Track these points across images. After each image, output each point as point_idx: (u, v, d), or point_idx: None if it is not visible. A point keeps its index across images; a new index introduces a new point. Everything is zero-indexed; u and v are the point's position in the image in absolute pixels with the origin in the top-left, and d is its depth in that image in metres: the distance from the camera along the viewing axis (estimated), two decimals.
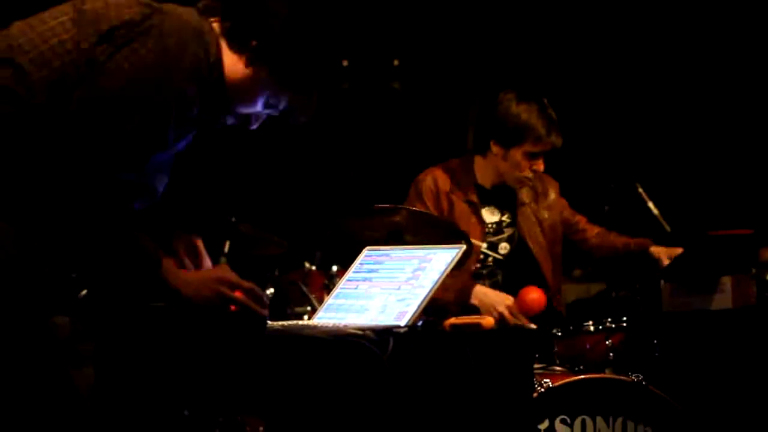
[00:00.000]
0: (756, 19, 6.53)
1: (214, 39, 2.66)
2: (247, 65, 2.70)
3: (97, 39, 2.52)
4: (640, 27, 6.82)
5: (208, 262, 2.86)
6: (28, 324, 2.46)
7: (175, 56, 2.54)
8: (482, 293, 4.29)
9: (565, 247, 4.69)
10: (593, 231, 4.71)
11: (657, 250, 4.44)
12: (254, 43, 2.69)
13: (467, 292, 4.29)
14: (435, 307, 4.14)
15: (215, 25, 2.69)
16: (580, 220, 4.73)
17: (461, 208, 4.46)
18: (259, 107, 2.78)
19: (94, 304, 2.64)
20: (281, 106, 2.80)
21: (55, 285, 2.52)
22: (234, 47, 2.69)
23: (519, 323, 4.19)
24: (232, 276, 2.70)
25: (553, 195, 4.68)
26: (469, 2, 7.06)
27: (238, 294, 2.67)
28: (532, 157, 4.41)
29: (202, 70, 2.60)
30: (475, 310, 4.25)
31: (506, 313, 4.21)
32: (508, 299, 4.25)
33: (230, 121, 2.81)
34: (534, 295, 4.23)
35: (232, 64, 2.69)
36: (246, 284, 2.69)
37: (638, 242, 4.58)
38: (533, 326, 4.19)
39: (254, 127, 2.84)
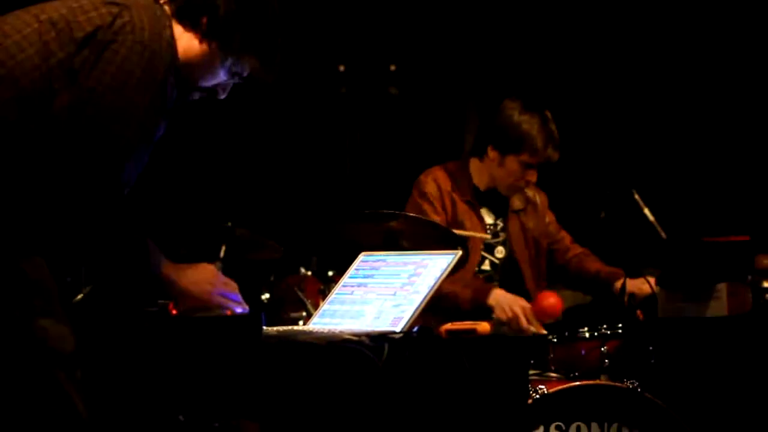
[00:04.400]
0: (750, 26, 6.53)
1: (169, 20, 2.69)
2: (201, 41, 2.74)
3: (75, 48, 2.53)
4: (637, 31, 6.82)
5: None
6: (15, 328, 2.46)
7: (154, 49, 2.58)
8: (500, 294, 4.30)
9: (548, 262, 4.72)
10: (575, 251, 4.74)
11: (619, 285, 4.41)
12: (204, 19, 2.73)
13: (485, 292, 4.29)
14: (449, 305, 4.16)
15: (165, 8, 2.72)
16: (564, 237, 4.76)
17: (463, 207, 4.50)
18: (222, 77, 2.82)
19: (91, 308, 2.64)
20: (245, 73, 2.84)
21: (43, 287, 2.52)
22: (187, 26, 2.74)
23: (533, 328, 4.20)
24: (227, 281, 2.77)
25: (541, 207, 4.70)
26: (466, 8, 7.06)
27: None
28: (526, 167, 4.44)
29: (175, 58, 2.65)
30: (487, 311, 4.25)
31: (522, 317, 4.21)
32: (525, 303, 4.26)
33: (197, 96, 2.85)
34: (551, 300, 4.24)
35: (187, 41, 2.74)
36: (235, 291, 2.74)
37: (610, 272, 4.58)
38: (544, 332, 4.19)
39: (222, 96, 2.89)
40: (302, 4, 5.87)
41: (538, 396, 3.61)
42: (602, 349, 4.06)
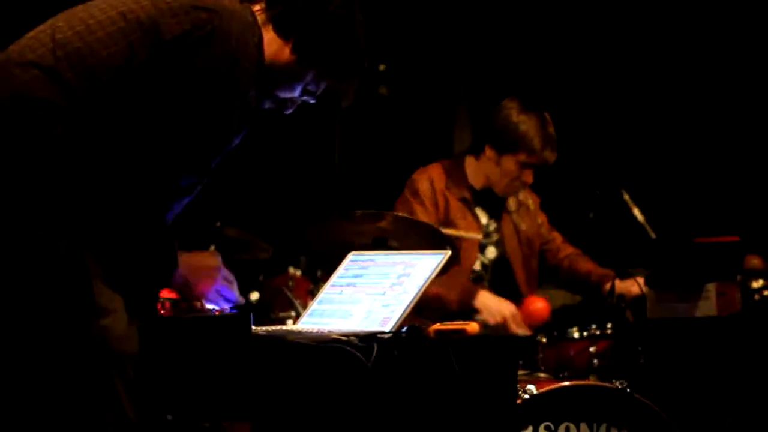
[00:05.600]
0: (739, 27, 6.55)
1: (258, 28, 2.65)
2: (292, 52, 2.71)
3: (160, 51, 2.49)
4: (626, 32, 6.83)
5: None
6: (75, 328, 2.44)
7: (239, 59, 2.53)
8: (487, 297, 4.30)
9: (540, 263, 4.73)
10: (566, 251, 4.74)
11: (608, 286, 4.41)
12: (298, 34, 2.70)
13: (471, 295, 4.29)
14: (436, 306, 4.16)
15: (257, 11, 2.68)
16: (556, 238, 4.77)
17: (457, 205, 4.50)
18: (297, 93, 2.80)
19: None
20: (319, 93, 2.82)
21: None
22: (280, 33, 2.70)
23: (521, 332, 4.20)
24: (227, 272, 2.79)
25: (533, 209, 4.71)
26: (456, 8, 7.06)
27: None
28: (523, 167, 4.44)
29: (261, 67, 2.61)
30: (471, 314, 4.25)
31: (510, 321, 4.21)
32: (513, 308, 4.25)
33: (267, 105, 2.82)
34: (539, 305, 4.25)
35: (278, 49, 2.70)
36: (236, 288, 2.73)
37: (600, 274, 4.59)
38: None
39: (289, 111, 2.87)
40: None
41: (527, 396, 3.61)
42: (591, 349, 4.07)
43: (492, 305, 4.26)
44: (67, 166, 2.41)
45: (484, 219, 4.59)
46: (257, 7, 2.69)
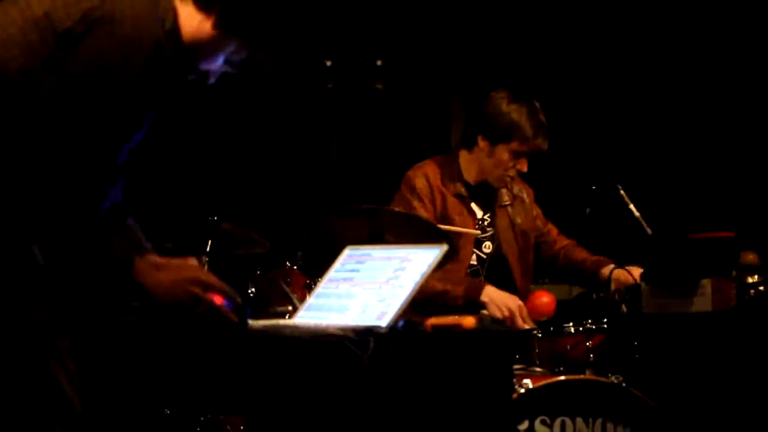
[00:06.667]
0: (735, 24, 6.55)
1: (170, 5, 2.66)
2: (214, 27, 2.71)
3: (56, 45, 2.51)
4: (622, 27, 6.83)
5: None
6: (10, 322, 2.45)
7: (133, 42, 2.53)
8: (493, 291, 4.32)
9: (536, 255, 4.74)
10: (561, 243, 4.76)
11: (606, 272, 4.43)
12: (218, 6, 2.70)
13: (478, 289, 4.30)
14: (442, 302, 4.18)
15: None
16: (551, 230, 4.78)
17: (453, 201, 4.52)
18: (218, 63, 2.80)
19: (72, 303, 2.62)
20: (240, 62, 2.82)
21: (34, 281, 2.51)
22: (200, 8, 2.70)
23: (527, 326, 4.21)
24: (207, 277, 2.69)
25: (528, 201, 4.72)
26: (452, 3, 7.06)
27: (213, 296, 2.66)
28: (517, 156, 4.46)
29: (161, 48, 2.59)
30: (477, 308, 4.26)
31: (517, 314, 4.22)
32: (519, 301, 4.27)
33: (190, 77, 2.82)
34: (544, 299, 4.26)
35: (198, 23, 2.71)
36: (220, 285, 2.68)
37: (594, 261, 4.60)
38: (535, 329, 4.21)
39: (212, 82, 2.86)
40: None
41: (523, 390, 3.63)
42: (587, 343, 4.08)
43: (498, 299, 4.28)
44: None
45: (479, 214, 4.60)
46: None
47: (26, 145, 2.47)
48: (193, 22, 2.70)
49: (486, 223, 4.61)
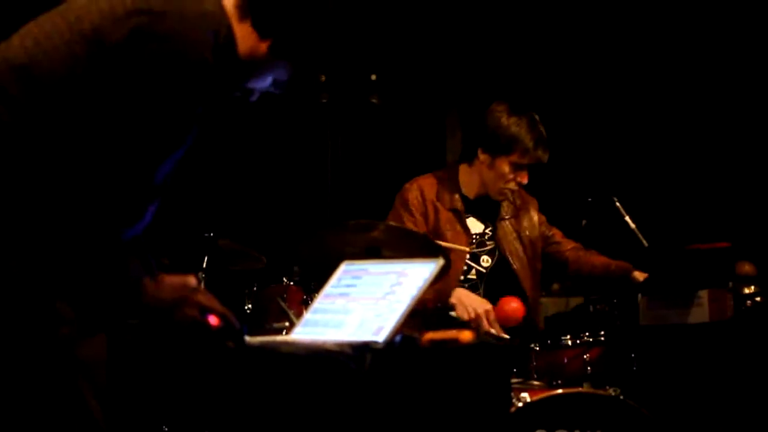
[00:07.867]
0: (732, 34, 6.57)
1: (225, 20, 2.65)
2: (268, 49, 2.73)
3: (103, 58, 2.50)
4: (619, 40, 6.85)
5: None
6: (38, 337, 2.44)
7: (184, 60, 2.52)
8: (462, 293, 4.32)
9: (544, 261, 4.72)
10: (568, 245, 4.76)
11: (639, 275, 4.47)
12: (275, 31, 2.72)
13: (447, 291, 4.30)
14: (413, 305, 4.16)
15: (227, 4, 2.68)
16: (556, 234, 4.78)
17: (446, 216, 4.51)
18: (268, 83, 2.82)
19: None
20: (286, 83, 2.85)
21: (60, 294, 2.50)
22: (259, 29, 2.71)
23: (493, 330, 4.20)
24: (208, 300, 2.68)
25: (532, 211, 4.72)
26: (447, 17, 7.08)
27: (210, 319, 2.66)
28: (517, 168, 4.46)
29: (209, 66, 2.58)
30: (446, 310, 4.26)
31: (483, 317, 4.22)
32: (488, 305, 4.26)
33: (236, 94, 2.83)
34: (513, 305, 4.24)
35: (254, 43, 2.71)
36: (220, 310, 2.68)
37: (619, 265, 4.61)
38: (506, 336, 4.20)
39: (254, 99, 2.87)
40: None
41: (521, 404, 3.62)
42: (585, 356, 4.07)
43: (467, 301, 4.28)
44: (14, 181, 2.44)
45: (477, 229, 4.59)
46: (230, 1, 2.69)
47: (63, 158, 2.45)
48: (248, 41, 2.70)
49: (486, 237, 4.60)
